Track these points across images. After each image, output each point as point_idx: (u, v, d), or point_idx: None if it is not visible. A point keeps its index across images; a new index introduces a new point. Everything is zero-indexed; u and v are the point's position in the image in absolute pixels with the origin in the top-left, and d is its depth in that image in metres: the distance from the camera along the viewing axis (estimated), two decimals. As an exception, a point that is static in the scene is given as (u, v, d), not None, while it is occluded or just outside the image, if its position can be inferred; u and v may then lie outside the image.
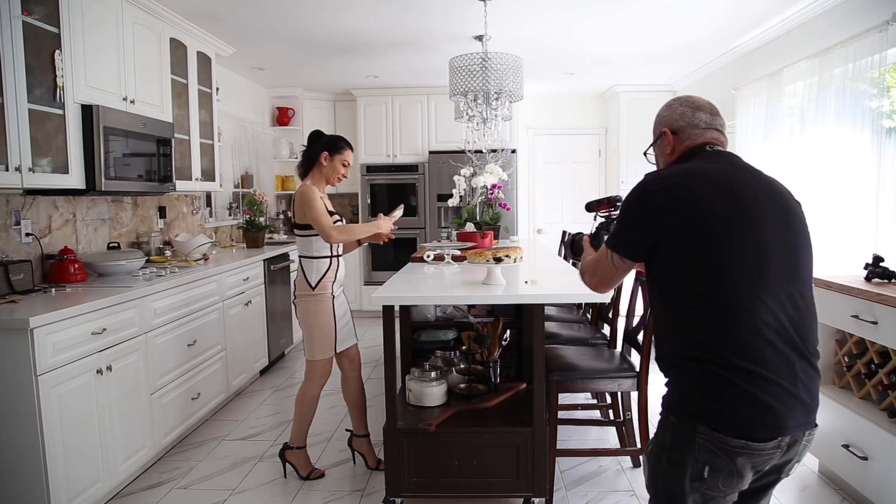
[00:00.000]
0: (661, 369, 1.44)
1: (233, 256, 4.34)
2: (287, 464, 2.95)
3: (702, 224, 1.30)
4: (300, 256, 2.86)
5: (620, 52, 5.04)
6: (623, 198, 1.57)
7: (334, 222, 2.77)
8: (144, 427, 2.94)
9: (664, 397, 1.42)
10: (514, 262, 2.56)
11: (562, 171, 7.04)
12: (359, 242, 2.99)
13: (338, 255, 2.90)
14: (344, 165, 2.90)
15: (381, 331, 2.59)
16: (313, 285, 2.80)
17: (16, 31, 2.49)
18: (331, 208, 2.87)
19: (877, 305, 2.35)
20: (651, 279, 1.43)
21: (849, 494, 2.68)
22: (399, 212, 3.04)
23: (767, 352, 1.26)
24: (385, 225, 2.91)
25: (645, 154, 1.63)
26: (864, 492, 2.48)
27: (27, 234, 2.98)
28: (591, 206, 1.88)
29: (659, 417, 1.42)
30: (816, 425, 1.34)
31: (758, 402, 1.25)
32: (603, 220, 1.73)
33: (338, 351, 2.88)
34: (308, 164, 2.90)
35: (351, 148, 2.95)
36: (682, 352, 1.34)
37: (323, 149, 2.87)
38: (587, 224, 7.03)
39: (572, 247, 1.94)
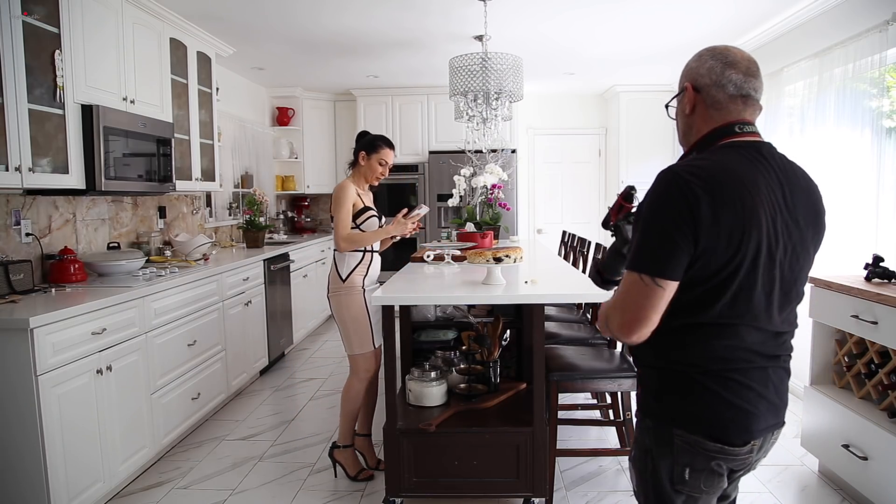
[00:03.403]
0: (635, 364, 1.42)
1: (233, 256, 4.34)
2: (336, 464, 2.94)
3: (740, 251, 1.17)
4: (334, 251, 2.91)
5: (620, 52, 5.04)
6: (635, 189, 1.41)
7: (368, 218, 2.87)
8: (144, 427, 2.94)
9: (638, 399, 1.39)
10: (514, 262, 2.56)
11: (562, 171, 7.05)
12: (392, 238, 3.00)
13: (371, 250, 2.92)
14: (381, 164, 2.95)
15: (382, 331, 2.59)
16: (344, 278, 2.83)
17: (16, 31, 2.49)
18: (369, 204, 2.95)
19: (877, 305, 2.35)
20: None
21: (849, 494, 2.68)
22: (421, 210, 2.98)
23: (745, 363, 1.24)
24: (397, 230, 2.90)
25: (666, 107, 1.42)
26: (864, 492, 2.48)
27: (27, 234, 2.98)
28: (608, 218, 1.50)
29: (636, 420, 1.40)
30: (784, 423, 1.35)
31: (732, 406, 1.24)
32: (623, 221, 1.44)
33: (376, 345, 2.87)
34: (353, 161, 3.01)
35: (390, 146, 2.99)
36: (660, 358, 1.30)
37: (361, 148, 2.95)
38: (587, 224, 7.03)
39: (598, 272, 1.58)
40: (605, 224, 1.51)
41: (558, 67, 5.64)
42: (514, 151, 6.38)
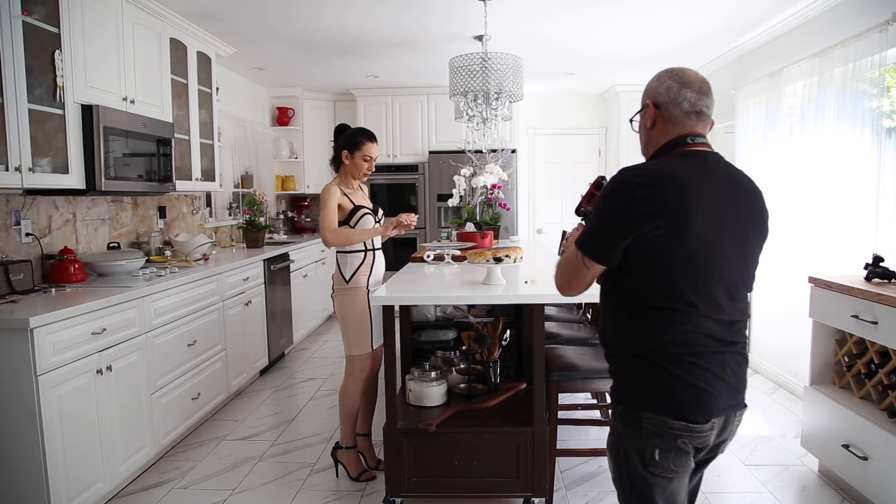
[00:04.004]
0: (605, 354, 1.54)
1: (233, 256, 4.34)
2: (339, 464, 2.93)
3: (679, 241, 1.33)
4: (336, 251, 2.86)
5: (620, 52, 5.04)
6: (605, 179, 1.55)
7: (362, 216, 2.80)
8: (144, 427, 2.94)
9: (611, 388, 1.51)
10: (514, 262, 2.56)
11: (562, 171, 7.05)
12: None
13: (373, 249, 2.86)
14: (366, 161, 2.85)
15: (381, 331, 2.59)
16: (347, 279, 2.79)
17: (16, 31, 2.49)
18: (361, 202, 2.86)
19: (877, 305, 2.35)
20: (608, 273, 1.46)
21: (849, 494, 2.68)
22: (409, 219, 2.90)
23: (701, 347, 1.38)
24: (388, 226, 2.84)
25: (631, 121, 1.58)
26: (864, 492, 2.48)
27: (27, 234, 2.98)
28: (580, 206, 1.70)
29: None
30: (746, 405, 1.48)
31: (692, 387, 1.37)
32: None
33: (374, 347, 2.85)
34: (336, 160, 2.89)
35: (373, 140, 2.86)
36: (626, 345, 1.44)
37: (343, 147, 2.84)
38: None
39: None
40: (578, 210, 1.69)
41: (558, 67, 5.64)
42: (514, 151, 6.38)
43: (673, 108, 1.44)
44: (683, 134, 1.44)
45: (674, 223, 1.32)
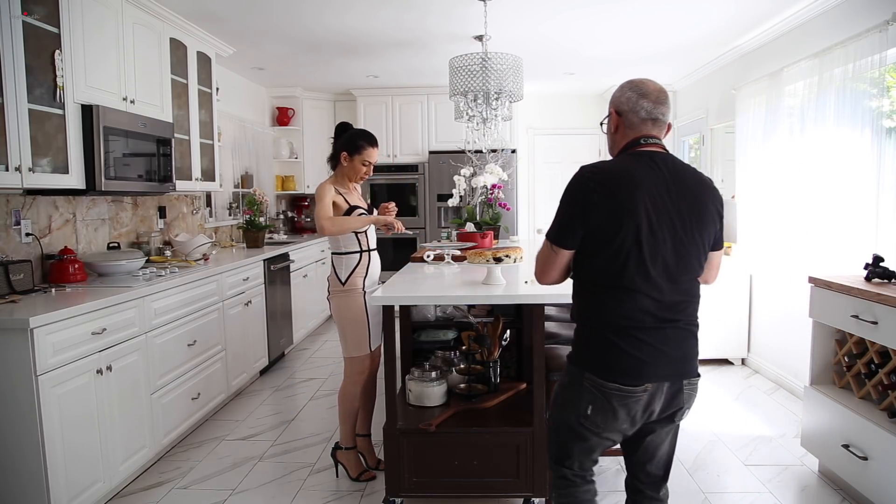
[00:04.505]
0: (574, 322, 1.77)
1: (233, 256, 4.34)
2: (339, 464, 2.93)
3: (623, 229, 1.54)
4: (331, 253, 2.84)
5: (620, 52, 5.04)
6: None
7: (358, 216, 2.78)
8: (144, 427, 2.94)
9: (569, 351, 1.76)
10: (514, 262, 2.56)
11: (562, 171, 7.04)
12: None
13: (368, 250, 2.84)
14: (365, 165, 2.82)
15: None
16: (343, 281, 2.77)
17: (16, 31, 2.49)
18: (357, 202, 2.84)
19: (877, 305, 2.35)
20: (575, 259, 1.68)
21: (849, 494, 2.68)
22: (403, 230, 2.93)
23: (643, 322, 1.58)
24: (383, 220, 2.83)
25: (601, 124, 1.80)
26: (864, 492, 2.48)
27: (27, 234, 2.98)
28: None
29: None
30: (698, 375, 1.66)
31: (629, 356, 1.57)
32: None
33: (372, 348, 2.83)
34: (334, 159, 2.86)
35: (374, 144, 2.83)
36: (581, 317, 1.69)
37: (343, 148, 2.81)
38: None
39: None
40: None
41: (558, 67, 5.64)
42: (514, 151, 6.38)
43: (632, 115, 1.66)
44: (638, 136, 1.66)
45: (618, 213, 1.54)
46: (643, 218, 1.54)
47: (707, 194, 1.63)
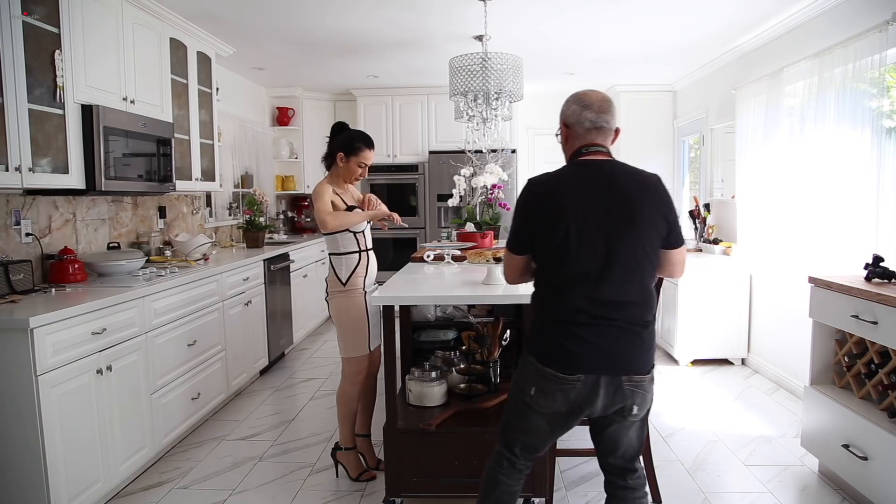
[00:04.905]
0: None
1: (233, 256, 4.34)
2: (339, 465, 2.93)
3: (547, 232, 1.71)
4: (329, 254, 2.83)
5: (620, 52, 5.04)
6: None
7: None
8: (144, 427, 2.93)
9: None
10: (514, 262, 2.55)
11: (562, 171, 7.03)
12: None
13: (366, 250, 2.84)
14: (360, 167, 2.82)
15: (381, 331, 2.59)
16: (344, 281, 2.76)
17: (16, 31, 2.49)
18: (351, 202, 2.85)
19: (877, 305, 2.35)
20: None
21: (849, 494, 2.68)
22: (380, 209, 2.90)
23: (577, 317, 1.70)
24: (381, 213, 2.83)
25: (556, 135, 1.93)
26: (864, 492, 2.48)
27: (27, 234, 2.98)
28: None
29: None
30: (644, 373, 1.73)
31: (564, 347, 1.71)
32: None
33: (371, 349, 2.83)
34: (329, 158, 2.87)
35: (370, 146, 2.83)
36: (533, 309, 1.85)
37: (339, 148, 2.80)
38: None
39: None
40: None
41: (558, 67, 5.64)
42: (514, 151, 6.38)
43: (578, 126, 1.80)
44: (582, 146, 1.80)
45: (551, 219, 1.71)
46: (572, 223, 1.68)
47: (644, 197, 1.72)
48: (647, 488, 1.92)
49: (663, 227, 1.74)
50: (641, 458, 1.92)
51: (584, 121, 1.79)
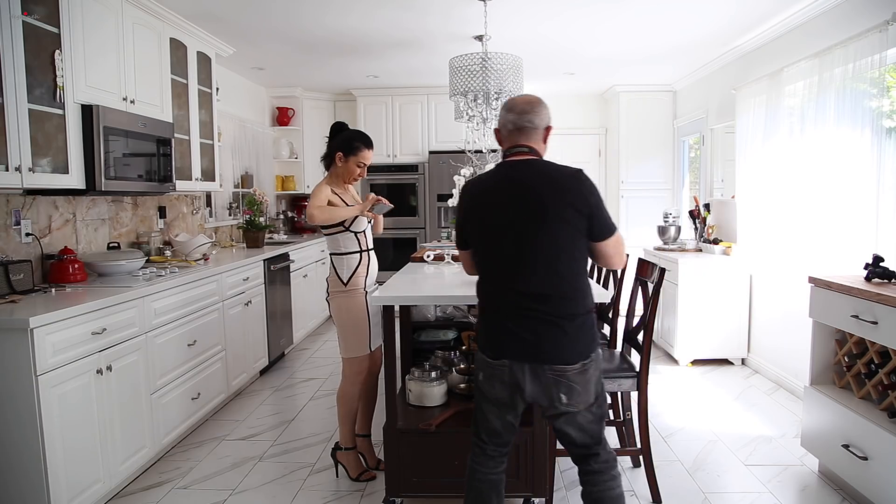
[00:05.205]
0: None
1: (233, 256, 4.34)
2: (339, 465, 2.93)
3: (476, 229, 1.90)
4: (331, 254, 2.82)
5: (620, 52, 5.04)
6: None
7: (356, 217, 2.76)
8: (144, 427, 2.93)
9: None
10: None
11: (562, 171, 7.03)
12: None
13: (367, 250, 2.84)
14: (359, 166, 2.81)
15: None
16: (345, 281, 2.75)
17: (16, 31, 2.49)
18: (351, 202, 2.85)
19: (877, 305, 2.35)
20: None
21: (849, 494, 2.68)
22: (378, 203, 2.79)
23: (502, 308, 1.85)
24: (367, 203, 2.75)
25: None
26: (864, 492, 2.48)
27: (27, 234, 2.98)
28: None
29: None
30: (569, 365, 1.80)
31: (492, 335, 1.87)
32: None
33: (372, 349, 2.82)
34: (328, 158, 2.86)
35: (370, 146, 2.82)
36: (477, 300, 1.98)
37: (338, 148, 2.79)
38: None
39: None
40: None
41: (558, 67, 5.64)
42: (514, 151, 6.37)
43: (503, 130, 1.93)
44: (507, 148, 1.93)
45: (473, 219, 1.90)
46: (488, 222, 1.85)
47: (554, 194, 1.79)
48: (618, 469, 1.96)
49: (578, 220, 1.79)
50: (608, 442, 1.96)
51: (507, 123, 1.90)
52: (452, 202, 4.48)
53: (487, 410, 1.95)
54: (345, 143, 2.80)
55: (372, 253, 2.89)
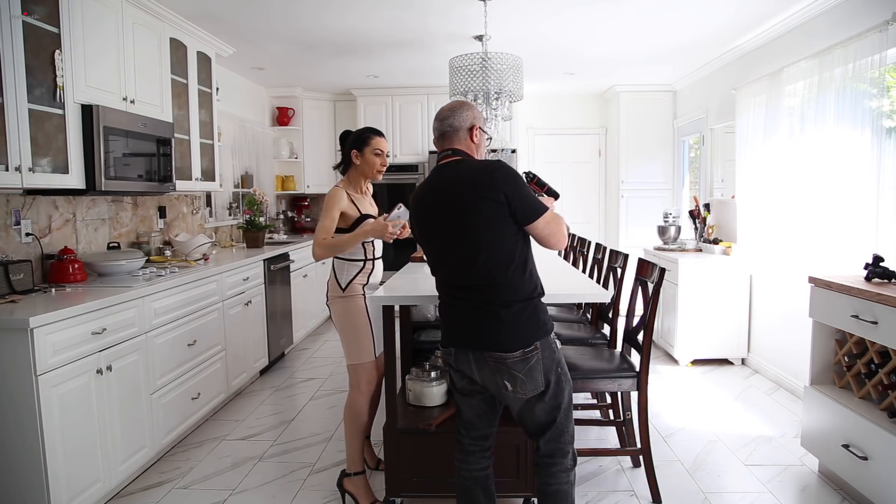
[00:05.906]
0: None
1: (233, 256, 4.34)
2: (346, 494, 2.68)
3: (417, 231, 2.04)
4: (333, 258, 2.71)
5: (620, 52, 5.04)
6: (532, 175, 2.37)
7: (353, 234, 2.60)
8: (144, 427, 2.93)
9: None
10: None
11: (562, 171, 7.04)
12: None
13: (373, 259, 2.72)
14: (377, 155, 2.69)
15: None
16: (343, 286, 2.65)
17: (16, 31, 2.49)
18: (368, 210, 2.73)
19: (877, 305, 2.35)
20: None
21: (849, 494, 2.68)
22: (399, 211, 2.63)
23: (447, 299, 1.98)
24: (375, 233, 2.57)
25: None
26: (864, 492, 2.48)
27: (27, 234, 2.98)
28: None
29: None
30: (507, 352, 1.84)
31: (443, 323, 2.00)
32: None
33: (377, 354, 2.67)
34: (345, 164, 2.77)
35: (379, 134, 2.74)
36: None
37: (352, 147, 2.71)
38: (587, 224, 7.09)
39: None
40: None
41: (558, 67, 5.64)
42: (514, 151, 6.38)
43: (434, 138, 2.05)
44: (439, 152, 2.02)
45: (415, 222, 2.04)
46: (424, 223, 1.99)
47: (467, 189, 1.85)
48: (565, 466, 2.02)
49: (496, 209, 1.83)
50: (568, 439, 2.05)
51: (434, 131, 2.03)
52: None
53: (459, 401, 2.06)
54: (356, 139, 2.72)
55: (378, 262, 2.77)
